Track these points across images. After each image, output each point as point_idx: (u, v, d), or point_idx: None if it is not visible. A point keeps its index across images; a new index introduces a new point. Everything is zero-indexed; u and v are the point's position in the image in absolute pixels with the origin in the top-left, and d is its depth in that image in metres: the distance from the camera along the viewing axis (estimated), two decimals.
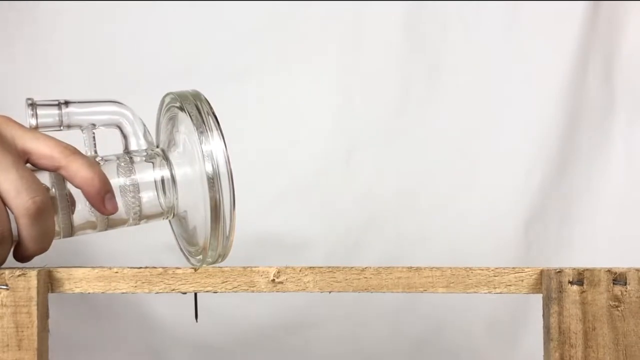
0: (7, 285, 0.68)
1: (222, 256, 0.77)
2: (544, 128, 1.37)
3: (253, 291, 0.72)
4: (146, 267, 0.72)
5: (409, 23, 1.37)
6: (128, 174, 0.78)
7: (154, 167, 0.79)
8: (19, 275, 0.68)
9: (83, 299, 1.23)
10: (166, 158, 0.80)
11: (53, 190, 0.75)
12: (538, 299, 0.70)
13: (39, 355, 0.68)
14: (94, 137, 0.79)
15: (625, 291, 0.66)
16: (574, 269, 0.67)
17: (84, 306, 1.24)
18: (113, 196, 0.76)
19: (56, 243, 0.78)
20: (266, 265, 0.82)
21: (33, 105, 0.77)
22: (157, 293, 0.72)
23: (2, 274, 0.68)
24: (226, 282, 0.72)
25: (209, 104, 0.78)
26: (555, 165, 1.37)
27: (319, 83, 1.32)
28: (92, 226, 0.78)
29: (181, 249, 0.84)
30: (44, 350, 0.69)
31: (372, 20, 1.36)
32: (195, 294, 0.90)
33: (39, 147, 0.73)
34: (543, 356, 0.69)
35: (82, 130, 0.79)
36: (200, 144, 0.76)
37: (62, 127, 0.78)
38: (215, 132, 0.77)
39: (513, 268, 0.69)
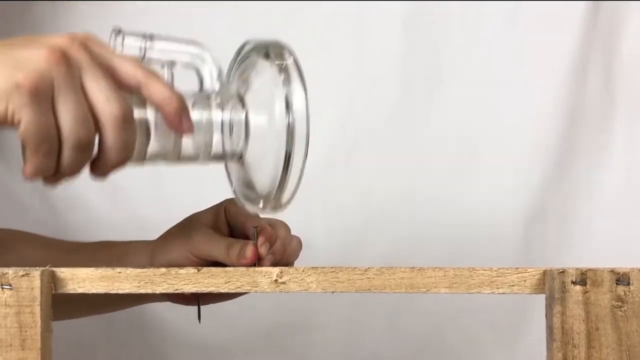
0: (10, 285, 0.68)
1: (285, 206, 0.78)
2: (544, 128, 1.37)
3: (256, 291, 0.72)
4: (149, 268, 0.72)
5: (409, 23, 1.37)
6: (203, 111, 0.78)
7: (229, 109, 0.79)
8: (22, 275, 0.68)
9: None
10: (242, 102, 0.80)
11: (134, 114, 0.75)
12: (538, 298, 0.70)
13: (43, 355, 0.68)
14: (172, 75, 0.79)
15: (629, 291, 0.66)
16: (577, 269, 0.67)
17: None
18: (190, 117, 0.76)
19: None
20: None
21: (119, 33, 0.77)
22: (160, 294, 0.72)
23: (6, 274, 0.68)
24: (229, 282, 0.72)
25: (293, 55, 0.78)
26: (555, 165, 1.38)
27: (319, 83, 1.32)
28: (164, 156, 0.78)
29: (235, 193, 0.83)
30: (47, 350, 0.69)
31: (372, 21, 1.36)
32: (198, 297, 0.91)
33: (123, 65, 0.73)
34: (546, 356, 0.69)
35: (161, 66, 0.78)
36: (283, 93, 0.75)
37: (143, 60, 0.78)
38: (298, 84, 0.76)
39: (516, 268, 0.69)
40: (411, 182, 1.35)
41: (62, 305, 0.72)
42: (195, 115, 0.78)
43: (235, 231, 0.89)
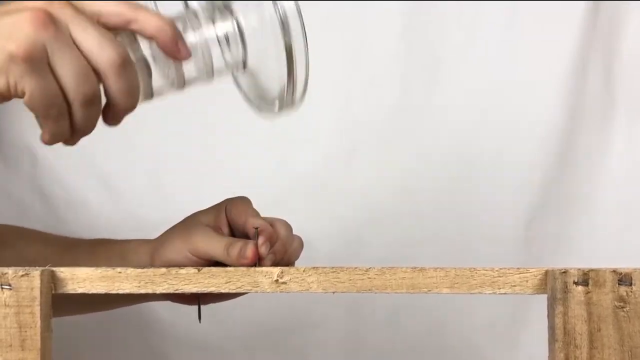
0: (10, 285, 0.68)
1: (300, 101, 0.78)
2: (544, 128, 1.37)
3: (257, 291, 0.72)
4: (149, 267, 0.72)
5: (409, 23, 1.37)
6: (195, 31, 0.78)
7: (219, 21, 0.79)
8: (22, 275, 0.68)
9: None
10: (230, 10, 0.79)
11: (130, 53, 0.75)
12: (538, 298, 0.70)
13: (42, 355, 0.68)
14: (155, 3, 0.78)
15: (631, 292, 0.66)
16: (579, 269, 0.67)
17: None
18: (185, 41, 0.76)
19: None
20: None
21: None
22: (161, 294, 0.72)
23: (6, 273, 0.68)
24: (230, 282, 0.72)
25: None
26: (555, 165, 1.37)
27: (319, 83, 1.32)
28: (170, 86, 0.78)
29: (251, 103, 0.83)
30: (47, 350, 0.69)
31: (372, 21, 1.36)
32: (199, 297, 0.90)
33: (106, 6, 0.73)
34: (548, 357, 0.68)
35: None
36: None
37: None
38: None
39: (518, 268, 0.69)
40: (411, 182, 1.35)
41: (60, 303, 0.72)
42: (189, 37, 0.77)
43: (236, 231, 0.89)
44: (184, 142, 1.34)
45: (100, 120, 0.75)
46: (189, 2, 0.80)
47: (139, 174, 1.34)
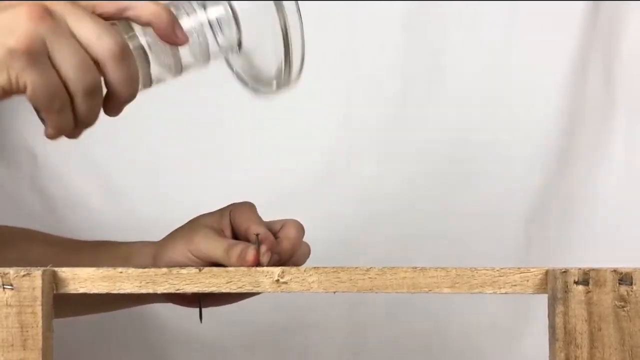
0: (12, 285, 0.68)
1: (297, 80, 0.78)
2: (544, 128, 1.37)
3: (258, 291, 0.72)
4: (150, 267, 0.72)
5: (409, 23, 1.37)
6: (189, 16, 0.78)
7: (212, 4, 0.79)
8: (23, 275, 0.68)
9: None
10: None
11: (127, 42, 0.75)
12: (538, 298, 0.70)
13: (44, 355, 0.68)
14: None
15: (631, 291, 0.66)
16: (580, 268, 0.67)
17: None
18: (181, 27, 0.76)
19: None
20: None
21: None
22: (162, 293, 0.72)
23: (7, 273, 0.68)
24: (230, 282, 0.72)
25: None
26: (555, 165, 1.37)
27: (319, 84, 1.32)
28: (168, 73, 0.78)
29: (246, 84, 0.83)
30: (49, 350, 0.69)
31: (372, 21, 1.36)
32: (199, 298, 0.91)
33: None
34: (548, 356, 0.68)
35: None
36: None
37: None
38: None
39: (518, 268, 0.69)
40: (411, 182, 1.35)
41: (60, 305, 0.72)
42: (183, 22, 0.77)
43: (239, 236, 0.89)
44: (184, 142, 1.34)
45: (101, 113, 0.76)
46: None
47: (139, 174, 1.34)
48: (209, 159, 1.34)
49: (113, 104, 0.75)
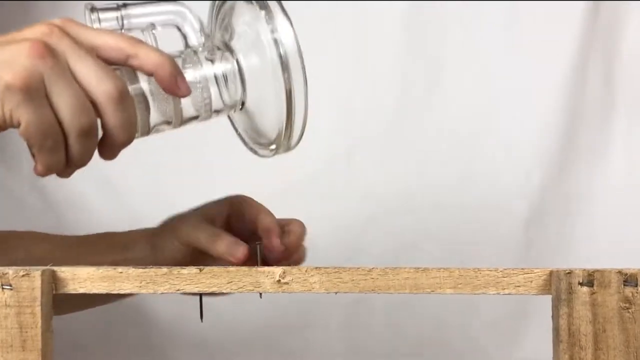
0: (11, 285, 0.67)
1: (296, 145, 0.78)
2: (544, 128, 1.37)
3: (259, 292, 0.71)
4: (151, 267, 0.71)
5: (409, 23, 1.37)
6: (194, 68, 0.77)
7: (219, 60, 0.78)
8: (22, 275, 0.68)
9: None
10: (230, 50, 0.79)
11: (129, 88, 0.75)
12: (539, 299, 0.70)
13: (43, 355, 0.68)
14: (154, 37, 0.78)
15: (637, 292, 0.66)
16: (584, 270, 0.67)
17: None
18: (184, 78, 0.75)
19: None
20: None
21: (94, 9, 0.77)
22: (162, 294, 0.71)
23: (6, 274, 0.68)
24: (231, 282, 0.71)
25: None
26: (555, 165, 1.37)
27: (319, 83, 1.32)
28: (167, 123, 0.78)
29: (246, 144, 0.83)
30: (48, 350, 0.69)
31: (372, 20, 1.36)
32: (201, 296, 0.90)
33: (106, 40, 0.73)
34: (552, 358, 0.68)
35: (142, 32, 0.78)
36: (269, 30, 0.75)
37: (122, 30, 0.77)
38: (282, 16, 0.75)
39: (522, 269, 0.69)
40: (412, 182, 1.35)
41: (57, 302, 0.72)
42: (188, 74, 0.77)
43: (242, 225, 0.89)
44: (184, 142, 1.33)
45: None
46: (189, 39, 0.79)
47: (139, 174, 1.33)
48: (209, 158, 1.34)
49: (108, 147, 0.74)
